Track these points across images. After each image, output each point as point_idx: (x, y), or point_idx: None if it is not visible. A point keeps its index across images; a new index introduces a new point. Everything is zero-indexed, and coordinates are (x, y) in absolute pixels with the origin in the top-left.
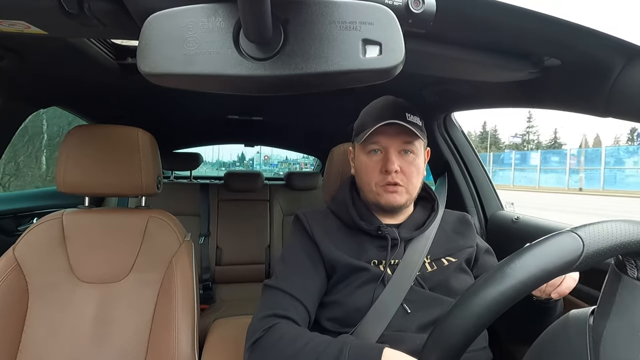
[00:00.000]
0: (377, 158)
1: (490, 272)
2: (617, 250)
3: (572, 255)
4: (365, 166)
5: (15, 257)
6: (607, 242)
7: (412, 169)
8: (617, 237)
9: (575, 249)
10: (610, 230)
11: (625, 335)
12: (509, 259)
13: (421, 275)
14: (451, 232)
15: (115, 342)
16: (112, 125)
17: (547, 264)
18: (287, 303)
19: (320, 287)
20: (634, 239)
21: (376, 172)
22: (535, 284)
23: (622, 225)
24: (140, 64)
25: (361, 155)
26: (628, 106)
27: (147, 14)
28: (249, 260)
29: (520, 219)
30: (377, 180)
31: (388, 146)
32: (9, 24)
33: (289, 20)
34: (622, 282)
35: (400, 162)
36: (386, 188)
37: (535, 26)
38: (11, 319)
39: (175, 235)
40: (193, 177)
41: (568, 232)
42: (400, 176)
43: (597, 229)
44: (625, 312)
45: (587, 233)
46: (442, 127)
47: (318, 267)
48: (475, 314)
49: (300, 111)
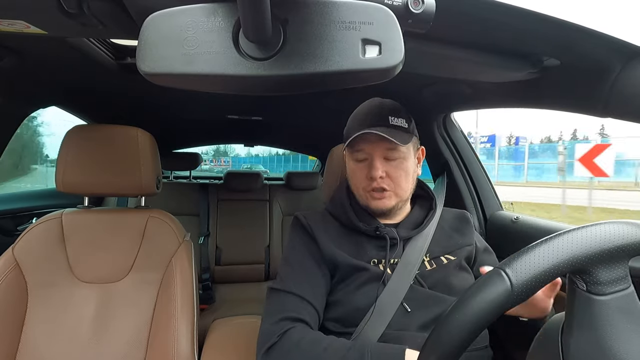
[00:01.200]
0: (363, 164)
1: (433, 328)
2: (547, 279)
3: (501, 299)
4: (353, 172)
5: (15, 257)
6: (533, 273)
7: (399, 172)
8: (542, 265)
9: (504, 291)
10: (534, 260)
11: (588, 350)
12: (447, 314)
13: (420, 274)
14: (450, 230)
15: (115, 342)
16: (111, 125)
17: (479, 315)
18: (297, 306)
19: (326, 287)
20: (562, 260)
21: (363, 177)
22: (476, 332)
23: (545, 250)
24: (140, 63)
25: (349, 160)
26: (627, 106)
27: (146, 13)
28: (249, 260)
29: (519, 219)
30: (364, 185)
31: (372, 152)
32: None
33: (288, 20)
34: (577, 296)
35: (385, 168)
36: (372, 194)
37: (534, 26)
38: (10, 318)
39: (175, 235)
40: (192, 177)
41: (497, 271)
42: (387, 181)
43: (521, 263)
44: (586, 327)
45: (513, 270)
46: (441, 127)
47: (322, 267)
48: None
49: (299, 111)
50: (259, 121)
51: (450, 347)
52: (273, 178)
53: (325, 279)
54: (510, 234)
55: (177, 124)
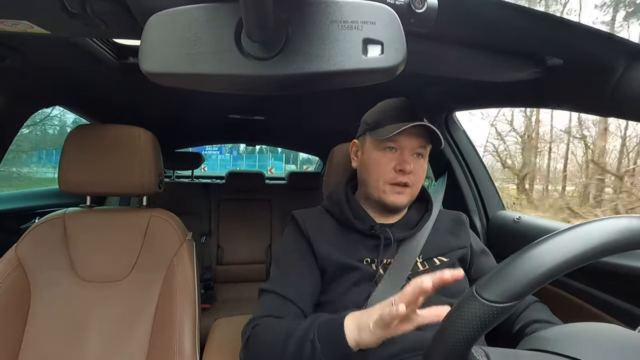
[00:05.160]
0: (392, 156)
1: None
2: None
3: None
4: (377, 162)
5: (17, 256)
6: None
7: (421, 171)
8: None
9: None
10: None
11: None
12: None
13: (413, 275)
14: (445, 232)
15: (117, 341)
16: (113, 124)
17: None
18: (280, 306)
19: (314, 287)
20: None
21: (389, 169)
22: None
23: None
24: (142, 63)
25: (373, 150)
26: (631, 106)
27: (149, 13)
28: (250, 259)
29: (521, 219)
30: (388, 177)
31: (405, 147)
32: (13, 23)
33: (290, 19)
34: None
35: (413, 164)
36: (394, 187)
37: (537, 26)
38: (13, 317)
39: (177, 235)
40: (194, 176)
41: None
42: (412, 177)
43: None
44: None
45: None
46: (443, 126)
47: (311, 267)
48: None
49: (301, 111)
50: (260, 121)
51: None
52: (275, 178)
53: (315, 278)
54: (513, 234)
55: (179, 123)
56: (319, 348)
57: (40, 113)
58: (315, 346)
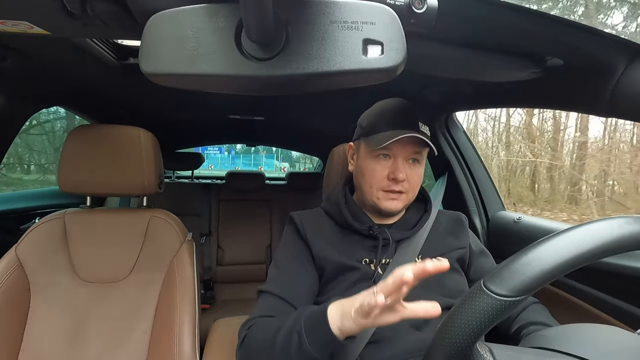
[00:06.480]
0: (385, 163)
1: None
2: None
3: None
4: (371, 169)
5: (17, 257)
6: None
7: (416, 177)
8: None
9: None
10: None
11: None
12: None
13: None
14: (444, 232)
15: (117, 341)
16: (114, 125)
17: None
18: (277, 306)
19: (311, 288)
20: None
21: (382, 176)
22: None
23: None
24: (143, 64)
25: (367, 157)
26: (631, 106)
27: (149, 14)
28: (250, 260)
29: (521, 219)
30: (381, 185)
31: (398, 155)
32: (12, 24)
33: (290, 20)
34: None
35: (407, 171)
36: (388, 194)
37: (537, 26)
38: (13, 317)
39: (177, 235)
40: (194, 177)
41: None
42: (405, 184)
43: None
44: None
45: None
46: (443, 126)
47: (309, 268)
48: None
49: (301, 111)
50: (261, 121)
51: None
52: (275, 178)
53: (312, 279)
54: (513, 234)
55: (179, 124)
56: (305, 337)
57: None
58: (301, 336)
